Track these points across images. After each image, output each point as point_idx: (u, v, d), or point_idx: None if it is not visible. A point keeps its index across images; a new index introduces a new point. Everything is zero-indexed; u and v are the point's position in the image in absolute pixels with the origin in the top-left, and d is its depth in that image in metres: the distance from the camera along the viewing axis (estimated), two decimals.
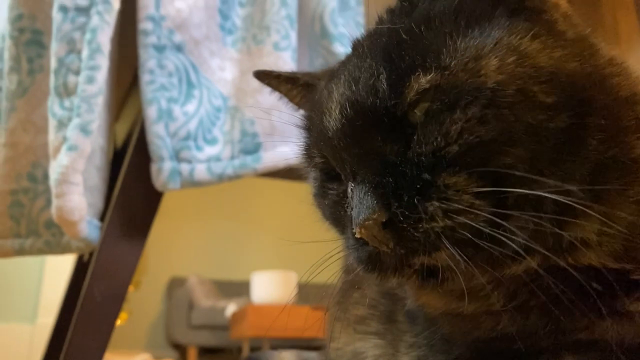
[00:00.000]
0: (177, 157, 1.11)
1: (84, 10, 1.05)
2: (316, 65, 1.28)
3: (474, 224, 0.42)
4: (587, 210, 0.43)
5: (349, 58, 0.54)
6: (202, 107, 1.16)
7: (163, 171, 1.09)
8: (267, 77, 0.66)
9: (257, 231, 4.95)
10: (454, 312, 0.54)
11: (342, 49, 1.25)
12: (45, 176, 1.10)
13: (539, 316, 0.49)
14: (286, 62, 1.20)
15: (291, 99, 0.66)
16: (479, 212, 0.42)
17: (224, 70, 1.22)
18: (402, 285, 0.61)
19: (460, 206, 0.42)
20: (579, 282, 0.45)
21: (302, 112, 0.64)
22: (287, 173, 1.15)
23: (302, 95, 0.64)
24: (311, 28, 1.31)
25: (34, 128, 1.13)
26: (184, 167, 1.11)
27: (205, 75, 1.19)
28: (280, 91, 0.66)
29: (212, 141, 1.16)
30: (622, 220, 0.46)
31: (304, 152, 0.57)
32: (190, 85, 1.16)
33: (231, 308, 3.77)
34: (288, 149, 0.62)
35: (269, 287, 3.48)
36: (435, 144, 0.44)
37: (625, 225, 0.46)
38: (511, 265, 0.46)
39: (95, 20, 1.03)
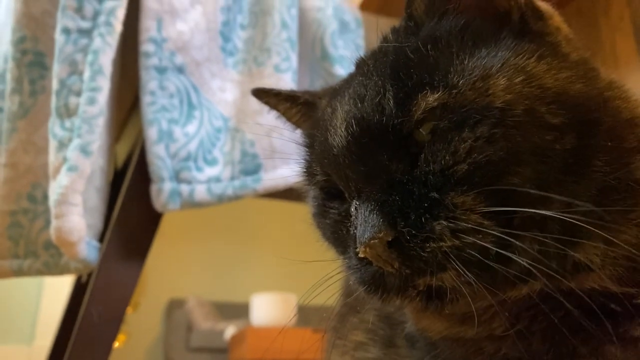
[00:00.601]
0: (177, 177, 1.11)
1: (86, 32, 1.05)
2: (316, 86, 1.29)
3: (482, 244, 0.41)
4: (592, 229, 0.43)
5: (352, 76, 0.54)
6: (203, 128, 1.17)
7: (163, 192, 1.09)
8: (266, 95, 0.65)
9: (256, 252, 4.93)
10: (455, 336, 0.53)
11: (343, 71, 1.26)
12: (45, 197, 1.10)
13: (541, 341, 0.48)
14: (287, 84, 1.21)
15: (289, 118, 0.66)
16: (487, 232, 0.41)
17: (225, 91, 1.23)
18: (402, 308, 0.60)
19: (468, 226, 0.41)
20: (581, 307, 0.45)
21: (300, 131, 0.64)
22: (287, 194, 1.14)
23: (301, 113, 0.64)
24: (312, 50, 1.32)
25: (35, 149, 1.13)
26: (184, 188, 1.11)
27: (206, 96, 1.20)
28: (278, 110, 0.66)
29: (212, 162, 1.16)
30: (625, 242, 0.46)
31: (305, 170, 0.57)
32: (191, 106, 1.17)
33: (230, 330, 3.73)
34: (288, 169, 0.61)
35: (269, 309, 3.44)
36: (443, 162, 0.43)
37: (628, 248, 0.46)
38: (515, 287, 0.46)
39: (97, 42, 1.04)
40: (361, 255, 0.44)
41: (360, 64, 0.55)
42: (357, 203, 0.48)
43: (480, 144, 0.42)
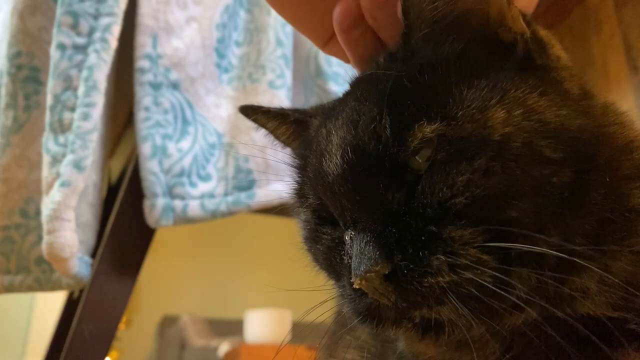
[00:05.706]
0: (170, 193, 1.11)
1: (82, 48, 1.06)
2: (311, 103, 1.30)
3: (480, 280, 0.41)
4: (590, 266, 0.43)
5: (347, 98, 0.52)
6: (197, 144, 1.17)
7: (156, 207, 1.09)
8: (254, 113, 0.63)
9: (250, 268, 4.91)
10: None
11: (337, 88, 1.26)
12: (38, 212, 1.09)
13: None
14: (281, 100, 1.21)
15: (278, 137, 0.64)
16: (484, 269, 0.41)
17: (220, 107, 1.23)
18: (398, 334, 0.59)
19: (467, 261, 0.41)
20: (576, 333, 0.45)
21: (289, 149, 0.63)
22: (281, 210, 1.14)
23: (291, 132, 0.62)
24: (306, 67, 1.33)
25: (29, 164, 1.12)
26: (177, 204, 1.11)
27: (200, 112, 1.20)
28: (267, 128, 0.63)
29: (206, 178, 1.16)
30: (621, 270, 0.46)
31: (297, 192, 0.56)
32: (185, 122, 1.17)
33: (224, 347, 3.70)
34: (282, 186, 0.61)
35: (263, 326, 3.42)
36: (441, 194, 0.43)
37: (624, 275, 0.45)
38: (511, 317, 0.45)
39: (92, 58, 1.05)
40: (356, 286, 0.44)
41: (356, 87, 0.53)
42: (353, 233, 0.46)
43: (477, 177, 0.42)
